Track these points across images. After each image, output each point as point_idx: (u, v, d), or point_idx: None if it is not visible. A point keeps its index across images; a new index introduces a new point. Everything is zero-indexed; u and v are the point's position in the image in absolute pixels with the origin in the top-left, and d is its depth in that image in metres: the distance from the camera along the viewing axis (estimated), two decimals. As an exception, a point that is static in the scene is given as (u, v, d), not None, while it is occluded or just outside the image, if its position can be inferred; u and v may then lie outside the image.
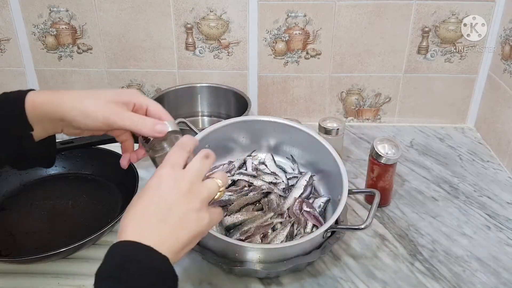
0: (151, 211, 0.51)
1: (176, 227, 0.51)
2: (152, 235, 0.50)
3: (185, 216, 0.52)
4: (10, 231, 0.81)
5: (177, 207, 0.52)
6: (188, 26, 1.09)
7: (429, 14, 1.06)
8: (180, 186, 0.53)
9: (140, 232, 0.49)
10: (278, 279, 0.74)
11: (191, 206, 0.53)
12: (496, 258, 0.79)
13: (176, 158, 0.56)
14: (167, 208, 0.52)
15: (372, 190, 0.80)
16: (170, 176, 0.54)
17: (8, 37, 1.12)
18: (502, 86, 1.05)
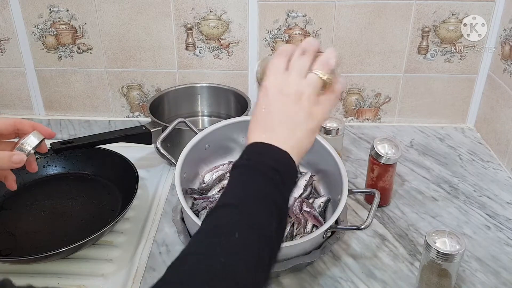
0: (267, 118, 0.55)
1: (292, 129, 0.55)
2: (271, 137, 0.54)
3: (297, 117, 0.55)
4: (10, 231, 0.81)
5: (287, 112, 0.55)
6: (188, 26, 1.09)
7: (429, 14, 1.06)
8: (284, 91, 0.56)
9: (261, 136, 0.54)
10: (278, 279, 0.74)
11: (302, 108, 0.55)
12: (496, 258, 0.79)
13: (277, 65, 0.57)
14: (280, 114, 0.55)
15: (372, 190, 0.80)
16: (273, 84, 0.56)
17: (8, 37, 1.12)
18: (502, 86, 1.05)
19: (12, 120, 0.67)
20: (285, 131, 0.54)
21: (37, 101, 1.20)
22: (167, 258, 0.78)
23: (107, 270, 0.75)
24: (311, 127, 0.56)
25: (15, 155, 0.64)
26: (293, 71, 0.56)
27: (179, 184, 0.75)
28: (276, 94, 0.56)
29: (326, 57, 0.57)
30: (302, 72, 0.56)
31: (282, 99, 0.55)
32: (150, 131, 0.96)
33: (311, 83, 0.56)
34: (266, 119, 0.55)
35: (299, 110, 0.55)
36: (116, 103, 1.20)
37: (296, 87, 0.56)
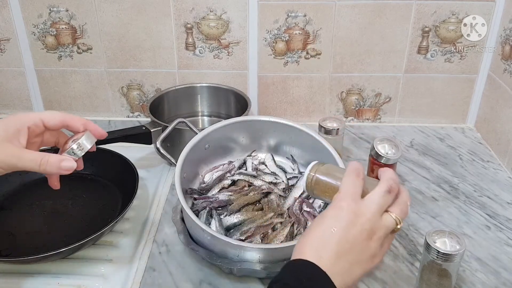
0: (331, 242, 0.51)
1: (352, 263, 0.51)
2: (328, 264, 0.49)
3: (362, 255, 0.52)
4: (10, 231, 0.81)
5: (356, 246, 0.51)
6: (188, 26, 1.09)
7: (429, 14, 1.06)
8: (360, 223, 0.51)
9: (318, 256, 0.50)
10: (278, 279, 0.74)
11: (369, 247, 0.52)
12: (496, 258, 0.79)
13: (355, 189, 0.54)
14: (346, 244, 0.51)
15: (372, 190, 0.80)
16: (351, 210, 0.52)
17: (8, 37, 1.12)
18: (502, 86, 1.05)
19: (61, 115, 0.63)
20: (346, 265, 0.50)
21: (37, 101, 1.20)
22: (167, 258, 0.78)
23: (107, 270, 0.75)
24: (369, 269, 0.52)
25: (64, 160, 0.60)
26: (374, 206, 0.53)
27: (179, 184, 0.75)
28: (351, 221, 0.51)
29: (405, 204, 0.55)
30: (382, 210, 0.53)
31: (353, 230, 0.51)
32: (150, 131, 0.96)
33: (387, 226, 0.53)
34: (331, 243, 0.50)
35: (366, 249, 0.52)
36: (116, 103, 1.20)
37: (373, 223, 0.52)
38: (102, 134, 0.67)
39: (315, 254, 0.50)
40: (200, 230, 0.71)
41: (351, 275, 0.51)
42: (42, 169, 0.59)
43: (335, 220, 0.52)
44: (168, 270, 0.75)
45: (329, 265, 0.49)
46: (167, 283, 0.73)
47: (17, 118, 0.61)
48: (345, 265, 0.50)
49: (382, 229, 0.53)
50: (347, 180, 0.55)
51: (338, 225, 0.51)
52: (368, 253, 0.52)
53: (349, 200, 0.53)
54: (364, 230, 0.51)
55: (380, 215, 0.53)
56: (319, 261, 0.49)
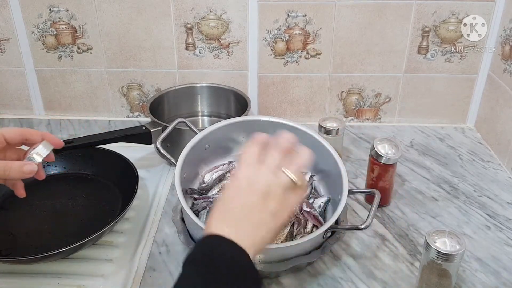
0: (230, 211, 0.54)
1: (255, 226, 0.54)
2: (232, 231, 0.52)
3: (262, 215, 0.54)
4: (10, 231, 0.81)
5: (253, 208, 0.54)
6: (188, 26, 1.09)
7: (429, 14, 1.06)
8: (255, 186, 0.55)
9: (221, 227, 0.53)
10: (278, 279, 0.74)
11: (267, 207, 0.54)
12: (496, 258, 0.79)
13: (249, 155, 0.57)
14: (244, 209, 0.54)
15: (372, 190, 0.80)
16: (244, 176, 0.55)
17: (8, 37, 1.12)
18: (502, 86, 1.05)
19: (20, 129, 0.69)
20: (249, 228, 0.53)
21: (37, 101, 1.20)
22: (167, 258, 0.78)
23: (107, 270, 0.75)
24: (274, 226, 0.55)
25: (26, 165, 0.65)
26: (264, 166, 0.56)
27: (179, 184, 0.75)
28: (246, 187, 0.55)
29: (300, 158, 0.57)
30: (273, 168, 0.55)
31: (250, 194, 0.54)
32: (150, 131, 0.96)
33: (281, 183, 0.55)
34: (231, 212, 0.54)
35: (265, 208, 0.54)
36: (116, 103, 1.20)
37: (266, 183, 0.55)
38: (59, 143, 0.72)
39: (219, 226, 0.53)
40: (200, 230, 0.71)
41: (256, 236, 0.53)
42: (6, 175, 0.64)
43: (233, 189, 0.56)
44: (168, 270, 0.75)
45: (233, 232, 0.52)
46: (167, 283, 0.73)
47: None
48: (248, 228, 0.53)
49: (277, 187, 0.55)
50: (244, 149, 0.58)
51: (235, 193, 0.55)
52: (268, 212, 0.54)
53: (243, 167, 0.56)
54: (258, 192, 0.54)
55: (273, 173, 0.55)
56: (223, 231, 0.52)
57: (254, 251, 0.52)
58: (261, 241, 0.54)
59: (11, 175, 0.64)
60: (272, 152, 0.57)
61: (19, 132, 0.68)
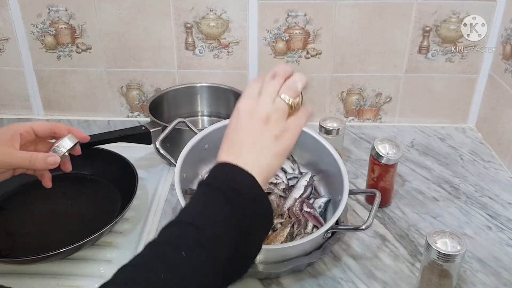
0: (235, 139, 0.57)
1: (259, 151, 0.56)
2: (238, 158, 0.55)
3: (265, 140, 0.56)
4: (9, 231, 0.81)
5: (256, 135, 0.56)
6: (187, 26, 1.09)
7: (430, 14, 1.06)
8: (255, 114, 0.57)
9: (228, 155, 0.56)
10: (278, 279, 0.74)
11: (269, 131, 0.56)
12: (497, 259, 0.78)
13: (250, 89, 0.60)
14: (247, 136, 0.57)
15: (372, 190, 0.80)
16: (245, 107, 0.58)
17: (7, 36, 1.12)
18: (503, 86, 1.05)
19: (49, 123, 0.74)
20: (253, 154, 0.55)
21: (36, 101, 1.20)
22: (166, 259, 0.77)
23: (107, 270, 0.75)
24: (278, 151, 0.57)
25: (50, 156, 0.70)
26: (263, 95, 0.58)
27: (179, 184, 0.75)
28: (247, 116, 0.57)
29: (292, 82, 0.59)
30: (271, 96, 0.58)
31: (252, 122, 0.57)
32: (149, 131, 0.96)
33: (278, 108, 0.57)
34: (236, 141, 0.57)
35: (266, 134, 0.56)
36: (115, 103, 1.20)
37: (265, 111, 0.57)
38: (84, 137, 0.78)
39: (226, 154, 0.56)
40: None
41: (263, 162, 0.55)
42: (31, 165, 0.69)
43: (235, 120, 0.58)
44: (167, 270, 0.75)
45: (239, 158, 0.54)
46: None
47: (11, 127, 0.71)
48: (254, 155, 0.55)
49: (276, 112, 0.57)
50: (248, 85, 0.61)
51: (237, 123, 0.58)
52: (270, 136, 0.56)
53: (243, 99, 0.59)
54: (259, 119, 0.56)
55: (271, 101, 0.57)
56: (230, 158, 0.55)
57: (263, 178, 0.54)
58: (267, 166, 0.56)
59: (36, 166, 0.69)
60: (268, 81, 0.59)
61: (48, 126, 0.73)
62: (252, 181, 0.53)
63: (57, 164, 0.71)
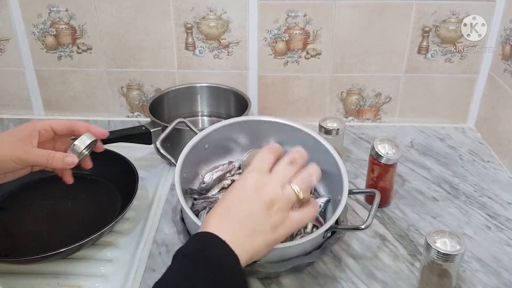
0: (232, 213, 0.54)
1: (253, 233, 0.53)
2: (229, 234, 0.52)
3: (262, 225, 0.54)
4: (9, 231, 0.81)
5: (255, 216, 0.54)
6: (188, 26, 1.09)
7: (429, 14, 1.06)
8: (261, 194, 0.54)
9: (219, 227, 0.53)
10: (278, 279, 0.74)
11: (269, 218, 0.54)
12: (496, 259, 0.79)
13: (262, 163, 0.57)
14: (246, 214, 0.54)
15: (372, 190, 0.80)
16: (254, 182, 0.55)
17: (8, 37, 1.12)
18: (503, 86, 1.05)
19: (68, 122, 0.74)
20: (245, 234, 0.53)
21: (36, 101, 1.20)
22: (167, 259, 0.78)
23: (107, 270, 0.75)
24: (271, 240, 0.55)
25: (67, 156, 0.70)
26: (274, 177, 0.56)
27: (179, 184, 0.75)
28: (252, 192, 0.55)
29: (308, 174, 0.57)
30: (282, 181, 0.56)
31: (254, 201, 0.54)
32: (149, 131, 0.96)
33: (287, 196, 0.55)
34: (232, 212, 0.54)
35: (267, 218, 0.54)
36: (115, 103, 1.20)
37: (272, 194, 0.55)
38: (103, 133, 0.76)
39: (216, 225, 0.53)
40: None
41: (252, 244, 0.53)
42: (49, 164, 0.69)
43: (238, 191, 0.55)
44: (168, 270, 0.75)
45: (229, 235, 0.52)
46: (167, 283, 0.73)
47: (29, 124, 0.71)
48: (245, 234, 0.53)
49: (282, 200, 0.55)
50: (258, 155, 0.58)
51: (240, 196, 0.55)
52: (269, 224, 0.54)
53: (254, 172, 0.56)
54: (264, 201, 0.54)
55: (281, 186, 0.55)
56: (220, 231, 0.52)
57: (246, 259, 0.52)
58: (254, 250, 0.53)
59: (54, 165, 0.69)
60: (284, 165, 0.57)
61: (66, 124, 0.73)
62: (235, 265, 0.51)
63: (75, 164, 0.71)
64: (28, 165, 0.70)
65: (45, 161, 0.69)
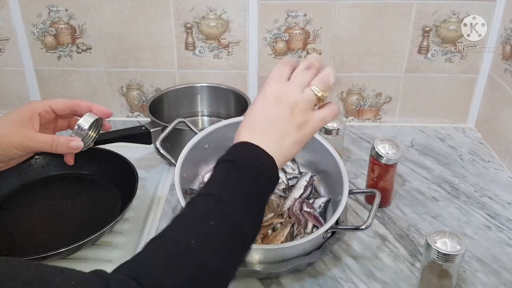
0: (259, 121, 0.57)
1: (281, 135, 0.57)
2: (260, 139, 0.56)
3: (288, 126, 0.57)
4: (9, 231, 0.81)
5: (281, 120, 0.57)
6: (188, 26, 1.09)
7: (429, 14, 1.06)
8: (283, 100, 0.57)
9: (251, 134, 0.57)
10: (278, 279, 0.74)
11: (294, 119, 0.57)
12: (496, 259, 0.79)
13: (279, 73, 0.60)
14: (272, 119, 0.57)
15: (372, 190, 0.80)
16: (273, 91, 0.58)
17: (7, 36, 1.12)
18: (503, 86, 1.05)
19: (69, 101, 0.71)
20: (275, 137, 0.56)
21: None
22: (166, 259, 0.77)
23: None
24: (299, 139, 0.58)
25: (72, 141, 0.68)
26: (293, 83, 0.59)
27: (179, 184, 0.75)
28: (274, 100, 0.58)
29: (325, 75, 0.60)
30: (301, 85, 0.59)
31: (278, 107, 0.57)
32: (149, 131, 0.96)
33: (307, 98, 0.58)
34: (259, 122, 0.57)
35: (291, 120, 0.57)
36: (115, 103, 1.20)
37: (294, 98, 0.58)
38: (105, 112, 0.75)
39: (248, 134, 0.57)
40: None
41: (282, 145, 0.56)
42: (53, 149, 0.67)
43: (261, 103, 0.58)
44: (168, 270, 0.75)
45: (260, 140, 0.55)
46: (167, 283, 0.72)
47: (29, 106, 0.68)
48: (275, 137, 0.56)
49: (303, 101, 0.58)
50: (273, 68, 0.60)
51: (263, 106, 0.58)
52: (294, 124, 0.57)
53: (272, 83, 0.59)
54: (286, 105, 0.57)
55: (301, 89, 0.58)
56: (252, 138, 0.56)
57: (280, 162, 0.56)
58: (286, 151, 0.57)
59: (58, 150, 0.68)
60: (301, 70, 0.59)
61: (67, 104, 0.71)
62: (271, 162, 0.55)
63: (80, 148, 0.69)
64: (32, 151, 0.69)
65: (49, 147, 0.67)
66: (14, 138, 0.65)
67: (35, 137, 0.66)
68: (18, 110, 0.68)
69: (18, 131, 0.65)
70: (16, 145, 0.65)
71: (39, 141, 0.66)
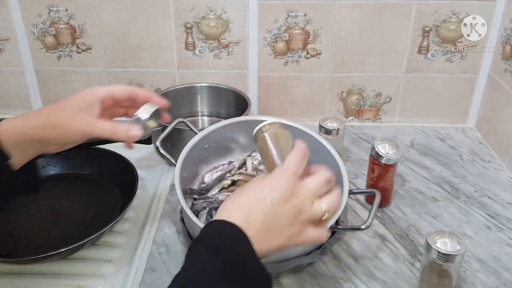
0: (262, 211, 0.53)
1: (272, 236, 0.54)
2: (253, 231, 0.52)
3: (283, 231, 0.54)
4: (9, 231, 0.81)
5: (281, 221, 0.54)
6: (188, 26, 1.09)
7: (429, 14, 1.06)
8: (292, 202, 0.54)
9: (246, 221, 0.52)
10: (278, 279, 0.74)
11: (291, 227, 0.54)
12: (496, 259, 0.79)
13: (298, 169, 0.56)
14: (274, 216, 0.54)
15: (372, 190, 0.80)
16: (289, 187, 0.55)
17: (7, 36, 1.12)
18: (503, 86, 1.05)
19: (130, 88, 0.70)
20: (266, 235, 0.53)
21: (36, 101, 1.20)
22: (166, 259, 0.77)
23: (107, 270, 0.75)
24: (283, 247, 0.55)
25: (131, 130, 0.67)
26: (309, 191, 0.56)
27: (179, 184, 0.75)
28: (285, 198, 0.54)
29: (337, 198, 0.58)
30: (314, 196, 0.56)
31: (285, 206, 0.54)
32: (149, 131, 0.96)
33: (313, 212, 0.56)
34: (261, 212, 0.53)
35: (289, 227, 0.54)
36: (115, 103, 1.19)
37: (302, 206, 0.55)
38: (163, 103, 0.72)
39: (243, 219, 0.52)
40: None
41: (268, 246, 0.53)
42: (113, 137, 0.67)
43: (271, 190, 0.54)
44: (168, 270, 0.75)
45: (253, 232, 0.51)
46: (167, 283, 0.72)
47: (90, 92, 0.67)
48: (266, 235, 0.53)
49: (308, 214, 0.55)
50: (293, 157, 0.57)
51: (273, 196, 0.54)
52: (290, 231, 0.54)
53: (289, 176, 0.55)
54: (293, 209, 0.54)
55: (312, 201, 0.55)
56: (246, 226, 0.51)
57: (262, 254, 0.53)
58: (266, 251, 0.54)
59: (118, 139, 0.67)
60: (321, 181, 0.57)
61: (127, 91, 0.70)
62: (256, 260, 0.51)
63: (139, 138, 0.69)
64: (91, 138, 0.67)
65: (109, 134, 0.66)
66: (75, 123, 0.64)
67: (96, 123, 0.65)
68: (78, 94, 0.67)
69: (79, 116, 0.65)
70: (76, 130, 0.64)
71: (100, 127, 0.65)
